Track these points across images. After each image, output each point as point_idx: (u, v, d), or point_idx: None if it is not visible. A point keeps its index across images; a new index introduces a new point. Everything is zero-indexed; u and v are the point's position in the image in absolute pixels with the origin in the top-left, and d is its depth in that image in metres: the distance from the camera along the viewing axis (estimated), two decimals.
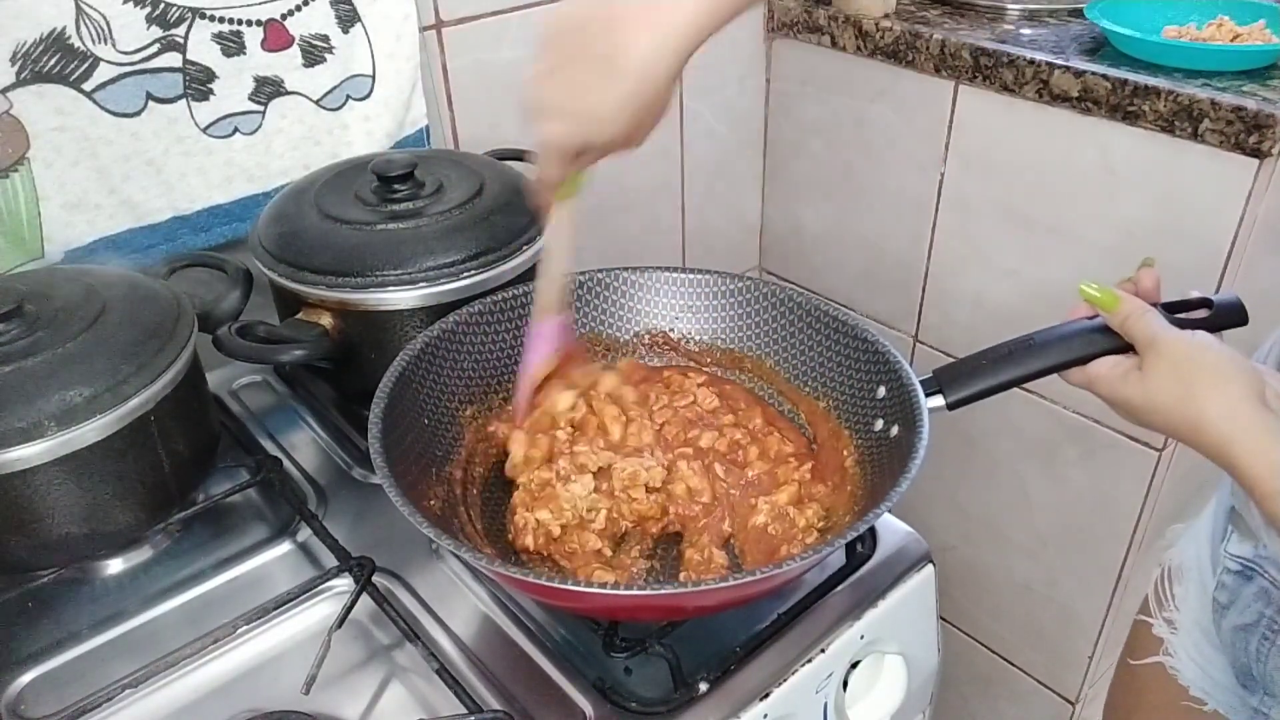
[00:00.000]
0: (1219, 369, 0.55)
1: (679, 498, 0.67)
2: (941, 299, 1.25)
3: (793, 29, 1.27)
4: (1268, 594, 0.63)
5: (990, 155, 1.12)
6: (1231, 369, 0.55)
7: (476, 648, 0.62)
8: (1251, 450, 0.52)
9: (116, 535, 0.67)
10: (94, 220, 0.82)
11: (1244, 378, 0.54)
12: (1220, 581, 0.68)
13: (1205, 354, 0.56)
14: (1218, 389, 0.54)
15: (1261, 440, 0.52)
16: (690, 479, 0.67)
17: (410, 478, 0.61)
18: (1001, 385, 0.64)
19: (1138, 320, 0.59)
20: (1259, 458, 0.52)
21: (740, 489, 0.68)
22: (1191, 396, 0.55)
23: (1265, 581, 0.64)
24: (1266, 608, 0.63)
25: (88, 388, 0.61)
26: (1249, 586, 0.65)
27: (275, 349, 0.74)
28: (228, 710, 0.59)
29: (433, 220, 0.77)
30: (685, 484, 0.67)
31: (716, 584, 0.53)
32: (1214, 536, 0.71)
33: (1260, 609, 0.64)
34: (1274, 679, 0.63)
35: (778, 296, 0.75)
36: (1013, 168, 1.10)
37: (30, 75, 0.75)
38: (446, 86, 1.02)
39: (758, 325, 0.76)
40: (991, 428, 1.24)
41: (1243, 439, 0.52)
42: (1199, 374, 0.55)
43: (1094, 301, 0.61)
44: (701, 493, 0.67)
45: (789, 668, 0.60)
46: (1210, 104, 0.91)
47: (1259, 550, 0.65)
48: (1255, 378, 0.55)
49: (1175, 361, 0.56)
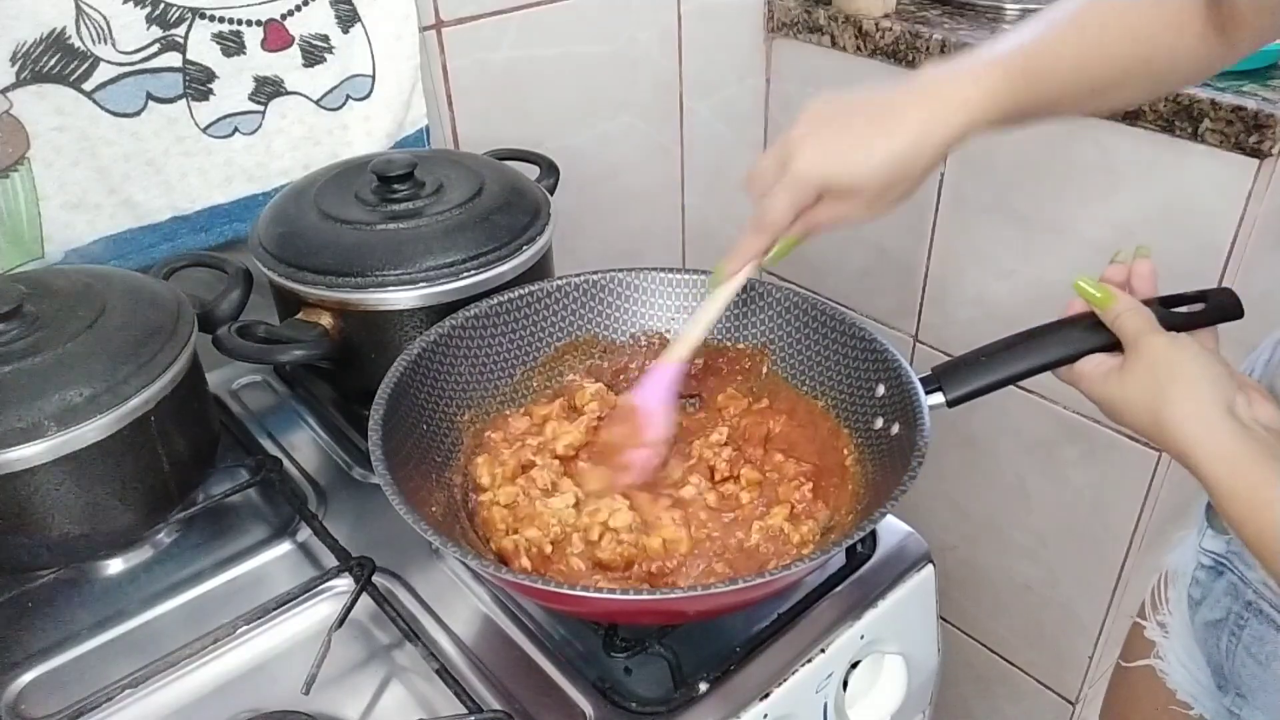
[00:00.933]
0: (1192, 372, 0.55)
1: (653, 552, 0.62)
2: (941, 298, 1.25)
3: (793, 29, 1.27)
4: (1236, 589, 0.63)
5: (990, 155, 1.12)
6: (1204, 374, 0.55)
7: (476, 648, 0.62)
8: (1212, 454, 0.52)
9: (116, 535, 0.67)
10: (94, 220, 0.82)
11: (1216, 384, 0.55)
12: (1195, 577, 0.68)
13: (1181, 355, 0.56)
14: (1187, 392, 0.55)
15: (1222, 444, 0.52)
16: (667, 530, 0.63)
17: (411, 483, 0.61)
18: (1001, 381, 0.64)
19: (1129, 318, 0.59)
20: (1218, 462, 0.52)
21: (724, 529, 0.65)
22: (1162, 397, 0.55)
23: (1234, 576, 0.64)
24: (1234, 603, 0.63)
25: (88, 388, 0.61)
26: (1219, 582, 0.65)
27: (275, 349, 0.74)
28: (228, 710, 0.59)
29: (433, 220, 0.77)
30: (661, 536, 0.63)
31: (718, 589, 0.53)
32: (1197, 534, 0.71)
33: (1229, 604, 0.64)
34: (1241, 676, 0.63)
35: (777, 296, 0.75)
36: (1013, 168, 1.10)
37: (30, 75, 0.75)
38: (446, 86, 1.02)
39: (757, 324, 0.76)
40: (991, 427, 1.24)
41: (1205, 442, 0.53)
42: (1173, 375, 0.56)
43: (1089, 297, 0.62)
44: (679, 543, 0.63)
45: (789, 668, 0.60)
46: (1210, 104, 0.91)
47: (1230, 545, 0.65)
48: (1228, 385, 0.55)
49: (1153, 362, 0.57)
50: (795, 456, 0.70)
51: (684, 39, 1.22)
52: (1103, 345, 0.61)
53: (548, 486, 0.67)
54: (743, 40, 1.30)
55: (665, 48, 1.21)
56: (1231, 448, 0.52)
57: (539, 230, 0.80)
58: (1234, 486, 0.51)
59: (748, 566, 0.62)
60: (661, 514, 0.65)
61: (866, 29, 1.17)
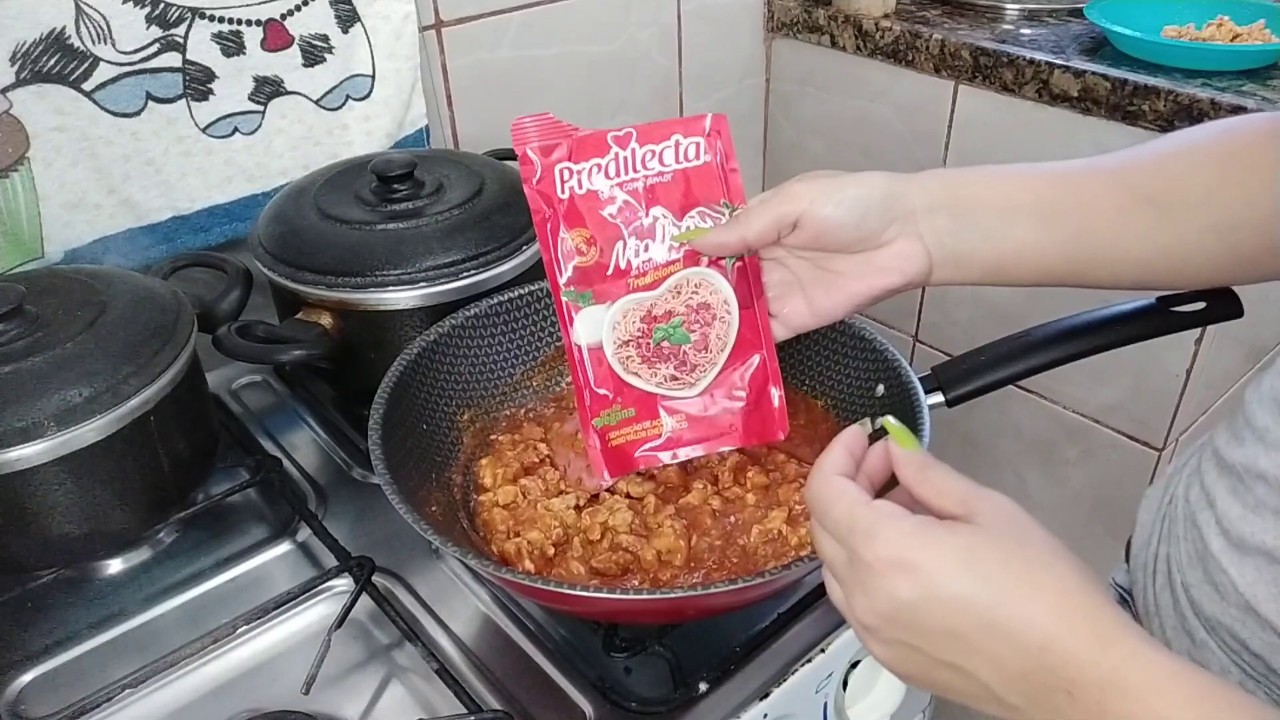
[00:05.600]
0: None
1: (647, 564, 0.61)
2: (941, 298, 1.25)
3: (793, 29, 1.27)
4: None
5: (990, 155, 1.12)
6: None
7: (476, 648, 0.62)
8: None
9: (116, 535, 0.67)
10: (94, 220, 0.82)
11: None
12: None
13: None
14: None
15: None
16: (665, 538, 0.62)
17: (411, 483, 0.61)
18: (1000, 381, 0.64)
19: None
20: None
21: (725, 536, 0.64)
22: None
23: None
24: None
25: (88, 388, 0.61)
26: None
27: (275, 349, 0.74)
28: (228, 710, 0.59)
29: (432, 220, 0.77)
30: (657, 547, 0.61)
31: (718, 588, 0.53)
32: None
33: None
34: None
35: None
36: None
37: (30, 75, 0.75)
38: (446, 86, 1.02)
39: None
40: (991, 427, 1.24)
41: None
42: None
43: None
44: (675, 554, 0.61)
45: (789, 668, 0.60)
46: (1210, 104, 0.91)
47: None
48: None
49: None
50: (796, 457, 0.70)
51: (684, 39, 1.22)
52: (1105, 343, 0.61)
53: (548, 488, 0.67)
54: (743, 40, 1.30)
55: (665, 48, 1.21)
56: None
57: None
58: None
59: (745, 571, 0.62)
60: (664, 520, 0.64)
61: (866, 29, 1.17)
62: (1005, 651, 0.36)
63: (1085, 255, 0.55)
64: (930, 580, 0.37)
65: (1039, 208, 0.55)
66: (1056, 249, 0.55)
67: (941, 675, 0.39)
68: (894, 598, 0.38)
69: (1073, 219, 0.55)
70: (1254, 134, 0.54)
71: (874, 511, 0.39)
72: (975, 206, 0.55)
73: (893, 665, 0.40)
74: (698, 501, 0.65)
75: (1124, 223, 0.54)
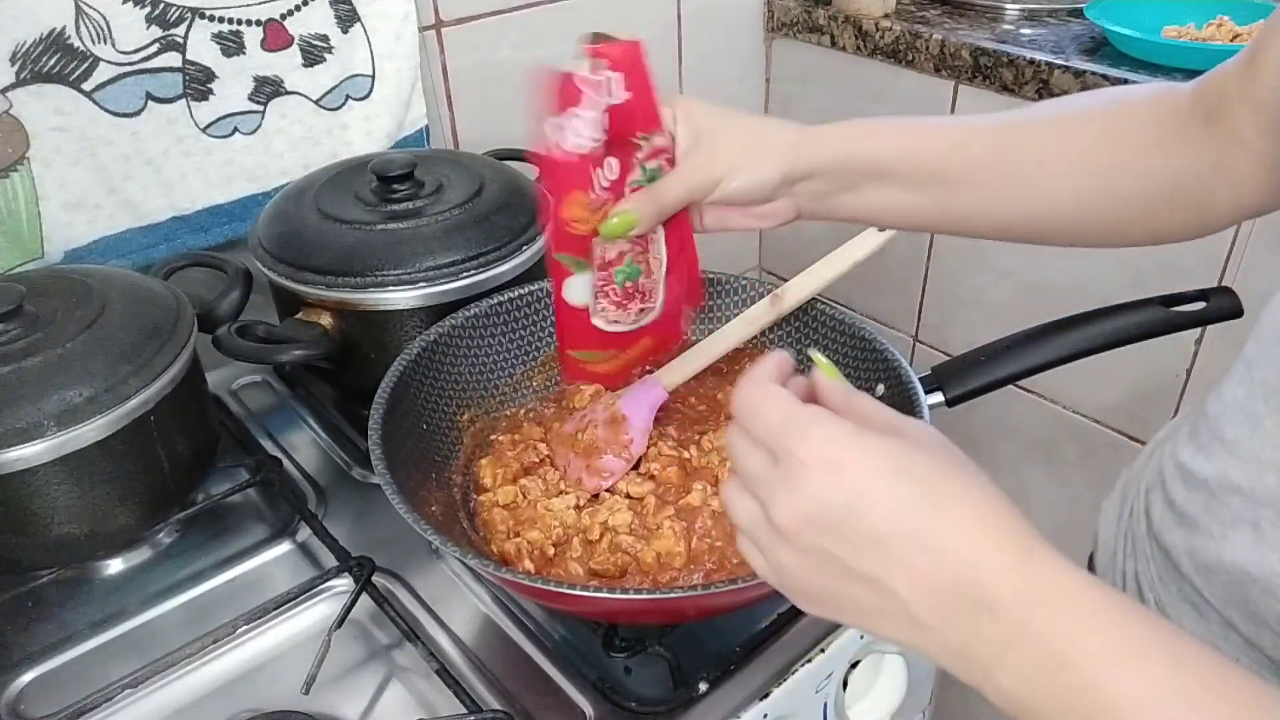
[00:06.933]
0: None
1: (646, 566, 0.61)
2: (941, 299, 1.25)
3: (793, 29, 1.27)
4: None
5: None
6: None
7: (476, 648, 0.62)
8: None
9: (116, 535, 0.67)
10: (94, 220, 0.82)
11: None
12: None
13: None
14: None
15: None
16: (665, 540, 0.62)
17: (411, 483, 0.61)
18: (1000, 381, 0.64)
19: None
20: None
21: (726, 537, 0.63)
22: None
23: None
24: None
25: (88, 388, 0.61)
26: None
27: (275, 349, 0.74)
28: (228, 710, 0.59)
29: (432, 220, 0.77)
30: (656, 550, 0.61)
31: (718, 588, 0.53)
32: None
33: None
34: None
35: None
36: None
37: (30, 75, 0.75)
38: (446, 86, 1.02)
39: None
40: (991, 428, 1.24)
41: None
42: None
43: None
44: (674, 557, 0.61)
45: (789, 668, 0.60)
46: None
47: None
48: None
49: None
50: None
51: (684, 39, 1.22)
52: (1105, 343, 0.61)
53: (548, 488, 0.67)
54: (743, 40, 1.30)
55: (665, 48, 1.21)
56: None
57: (539, 230, 0.80)
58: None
59: (745, 571, 0.62)
60: (664, 521, 0.64)
61: (866, 29, 1.17)
62: (927, 561, 0.35)
63: (951, 215, 0.60)
64: (864, 483, 0.36)
65: (914, 174, 0.58)
66: (922, 209, 0.59)
67: (852, 590, 0.37)
68: (822, 498, 0.36)
69: (943, 184, 0.58)
70: (1139, 104, 0.56)
71: (809, 410, 0.38)
72: (857, 169, 0.59)
73: (798, 577, 0.38)
74: (698, 502, 0.65)
75: (992, 190, 0.58)
